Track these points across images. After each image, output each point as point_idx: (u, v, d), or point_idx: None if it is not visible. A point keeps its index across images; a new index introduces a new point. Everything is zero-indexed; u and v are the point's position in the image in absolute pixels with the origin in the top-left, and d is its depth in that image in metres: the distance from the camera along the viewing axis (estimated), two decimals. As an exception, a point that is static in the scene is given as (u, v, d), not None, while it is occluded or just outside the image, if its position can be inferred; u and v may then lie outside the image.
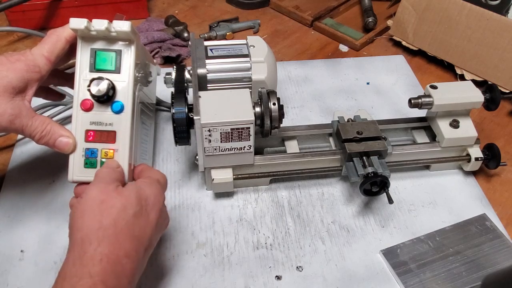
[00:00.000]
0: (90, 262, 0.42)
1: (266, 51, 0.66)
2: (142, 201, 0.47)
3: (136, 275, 0.45)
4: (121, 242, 0.44)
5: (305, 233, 0.61)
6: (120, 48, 0.52)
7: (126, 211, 0.45)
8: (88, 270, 0.41)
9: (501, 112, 0.81)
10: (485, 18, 0.78)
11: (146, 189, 0.48)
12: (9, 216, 0.61)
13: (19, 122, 0.49)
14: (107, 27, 0.50)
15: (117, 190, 0.47)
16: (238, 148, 0.59)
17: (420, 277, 0.56)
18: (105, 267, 0.42)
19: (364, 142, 0.62)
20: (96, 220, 0.44)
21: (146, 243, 0.46)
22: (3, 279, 0.54)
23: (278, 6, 1.02)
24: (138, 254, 0.45)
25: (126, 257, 0.44)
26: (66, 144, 0.51)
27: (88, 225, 0.44)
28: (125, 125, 0.52)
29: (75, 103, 0.52)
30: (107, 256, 0.42)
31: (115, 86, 0.52)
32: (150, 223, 0.47)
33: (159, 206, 0.49)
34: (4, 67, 0.48)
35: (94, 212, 0.44)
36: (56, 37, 0.51)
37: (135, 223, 0.45)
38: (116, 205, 0.45)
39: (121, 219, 0.45)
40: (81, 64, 0.52)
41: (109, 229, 0.44)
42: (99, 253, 0.42)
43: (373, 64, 0.89)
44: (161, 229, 0.50)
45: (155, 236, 0.48)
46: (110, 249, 0.43)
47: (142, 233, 0.46)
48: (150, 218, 0.47)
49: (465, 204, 0.65)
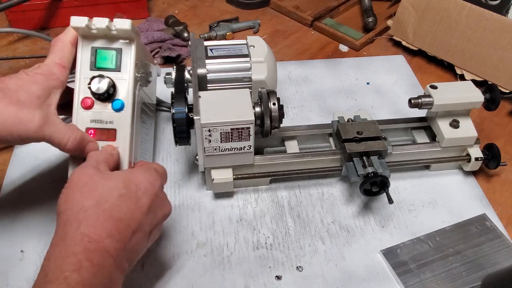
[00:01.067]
0: (72, 243, 0.42)
1: (266, 51, 0.66)
2: (132, 185, 0.47)
3: (122, 256, 0.45)
4: (102, 222, 0.44)
5: (305, 233, 0.61)
6: (120, 46, 0.53)
7: (111, 193, 0.45)
8: (71, 249, 0.42)
9: (501, 112, 0.81)
10: (485, 18, 0.78)
11: (138, 175, 0.48)
12: (9, 216, 0.61)
13: (47, 129, 0.49)
14: (108, 25, 0.50)
15: (102, 174, 0.47)
16: (238, 148, 0.59)
17: (420, 277, 0.56)
18: (86, 246, 0.42)
19: (364, 142, 0.62)
20: (77, 202, 0.44)
21: (134, 226, 0.46)
22: (3, 279, 0.54)
23: (278, 6, 1.02)
24: (123, 235, 0.45)
25: (108, 237, 0.43)
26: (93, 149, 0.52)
27: (69, 208, 0.44)
28: (125, 123, 0.52)
29: (76, 102, 0.52)
30: (88, 236, 0.42)
31: (116, 84, 0.52)
32: (140, 207, 0.47)
33: (152, 191, 0.48)
34: (25, 81, 0.49)
35: (76, 194, 0.45)
36: (61, 43, 0.52)
37: (120, 205, 0.45)
38: (99, 187, 0.45)
39: (104, 200, 0.45)
40: (82, 62, 0.52)
41: (89, 210, 0.44)
42: (79, 233, 0.43)
43: (373, 64, 0.89)
44: (156, 215, 0.49)
45: (147, 221, 0.48)
46: (90, 229, 0.43)
47: (129, 216, 0.45)
48: (140, 202, 0.47)
49: (465, 204, 0.65)
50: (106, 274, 0.42)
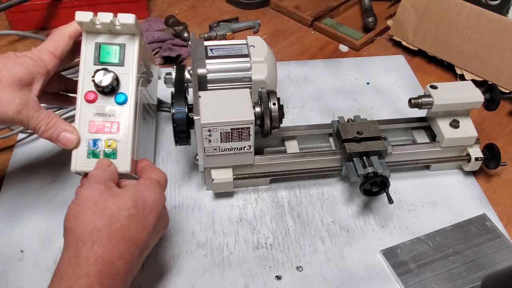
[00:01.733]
0: (85, 263, 0.42)
1: (266, 51, 0.66)
2: (139, 204, 0.47)
3: (129, 276, 0.46)
4: (115, 243, 0.44)
5: (305, 233, 0.61)
6: (124, 41, 0.53)
7: (121, 212, 0.45)
8: (84, 271, 0.41)
9: (501, 112, 0.81)
10: (485, 18, 0.78)
11: (144, 192, 0.48)
12: (9, 216, 0.61)
13: (25, 113, 0.49)
14: (112, 20, 0.51)
15: (111, 191, 0.47)
16: (238, 148, 0.59)
17: (420, 277, 0.56)
18: (100, 268, 0.42)
19: (364, 142, 0.62)
20: (90, 221, 0.44)
21: (142, 246, 0.47)
22: (3, 279, 0.54)
23: (278, 6, 1.02)
24: (133, 256, 0.45)
25: (120, 259, 0.44)
26: (69, 139, 0.52)
27: (82, 226, 0.44)
28: (128, 116, 0.53)
29: (79, 95, 0.53)
30: (102, 258, 0.42)
31: (119, 78, 0.53)
32: (147, 227, 0.47)
33: (157, 209, 0.48)
34: (11, 61, 0.50)
35: (87, 213, 0.45)
36: (60, 33, 0.53)
37: (130, 226, 0.45)
38: (109, 206, 0.45)
39: (115, 220, 0.45)
40: (86, 57, 0.53)
41: (102, 230, 0.44)
42: (93, 254, 0.42)
43: (373, 64, 0.89)
44: (159, 231, 0.50)
45: (152, 239, 0.49)
46: (104, 250, 0.43)
47: (137, 236, 0.46)
48: (147, 221, 0.47)
49: (465, 204, 0.65)
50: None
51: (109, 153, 0.52)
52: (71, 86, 0.61)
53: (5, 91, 0.48)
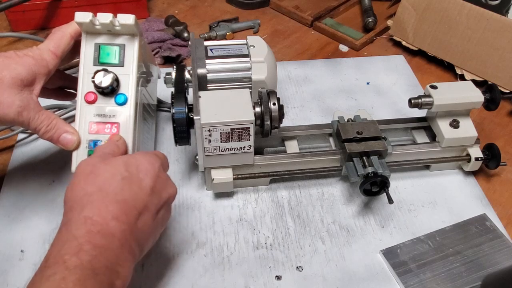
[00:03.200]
0: (74, 226, 0.42)
1: (266, 51, 0.66)
2: (132, 167, 0.47)
3: (129, 238, 0.44)
4: (106, 204, 0.44)
5: (305, 233, 0.61)
6: (123, 42, 0.53)
7: (113, 177, 0.45)
8: (72, 233, 0.41)
9: (501, 112, 0.81)
10: (485, 18, 0.78)
11: (138, 157, 0.48)
12: (9, 216, 0.61)
13: (26, 115, 0.49)
14: (112, 21, 0.51)
15: (105, 161, 0.47)
16: (238, 148, 0.59)
17: (420, 277, 0.56)
18: (89, 228, 0.42)
19: (364, 142, 0.62)
20: (81, 189, 0.45)
21: (140, 208, 0.45)
22: (3, 279, 0.54)
23: (278, 6, 1.02)
24: (129, 217, 0.44)
25: (113, 219, 0.43)
26: (69, 141, 0.52)
27: (74, 195, 0.45)
28: (128, 117, 0.53)
29: (79, 96, 0.53)
30: (91, 219, 0.42)
31: (119, 79, 0.53)
32: (143, 189, 0.46)
33: (153, 172, 0.48)
34: (12, 61, 0.49)
35: (80, 183, 0.45)
36: (61, 33, 0.53)
37: (124, 188, 0.45)
38: (102, 173, 0.45)
39: (107, 185, 0.45)
40: (85, 58, 0.53)
41: (93, 195, 0.44)
42: (82, 216, 0.42)
43: (373, 64, 0.89)
44: (161, 196, 0.48)
45: (153, 202, 0.47)
46: (94, 211, 0.43)
47: (133, 197, 0.45)
48: (143, 183, 0.46)
49: (465, 204, 0.65)
50: (110, 256, 0.42)
51: None
52: (69, 82, 0.61)
53: (6, 92, 0.48)
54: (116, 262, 0.42)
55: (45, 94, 0.59)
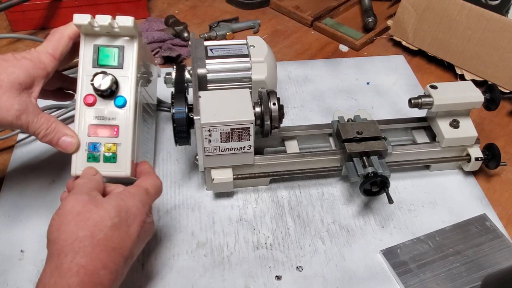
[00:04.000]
0: (68, 273, 0.42)
1: (266, 51, 0.66)
2: (122, 213, 0.46)
3: (114, 286, 0.45)
4: (98, 253, 0.43)
5: (305, 233, 0.61)
6: (122, 44, 0.53)
7: (104, 222, 0.45)
8: (66, 281, 0.41)
9: (501, 112, 0.81)
10: (485, 18, 0.78)
11: (127, 201, 0.48)
12: (9, 216, 0.61)
13: (25, 118, 0.49)
14: (110, 23, 0.50)
15: (94, 201, 0.46)
16: (238, 148, 0.59)
17: (420, 277, 0.56)
18: (82, 278, 0.42)
19: (364, 142, 0.62)
20: (72, 232, 0.44)
21: (126, 254, 0.46)
22: (3, 279, 0.54)
23: (278, 6, 1.02)
24: (117, 265, 0.45)
25: (103, 269, 0.43)
26: (69, 144, 0.51)
27: (64, 238, 0.44)
28: (127, 119, 0.53)
29: (78, 99, 0.52)
30: (84, 268, 0.42)
31: (118, 81, 0.52)
32: (131, 235, 0.47)
33: (140, 218, 0.48)
34: (10, 64, 0.49)
35: (70, 224, 0.44)
36: (59, 35, 0.52)
37: (113, 235, 0.45)
38: (92, 216, 0.45)
39: (98, 230, 0.44)
40: (84, 60, 0.53)
41: (85, 241, 0.43)
42: (75, 264, 0.42)
43: (373, 64, 0.89)
44: (144, 240, 0.50)
45: (136, 247, 0.48)
46: (86, 260, 0.43)
47: (121, 245, 0.46)
48: (130, 230, 0.47)
49: (465, 204, 0.65)
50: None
51: (109, 157, 0.52)
52: (68, 83, 0.61)
53: (4, 96, 0.47)
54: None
55: (44, 95, 0.59)
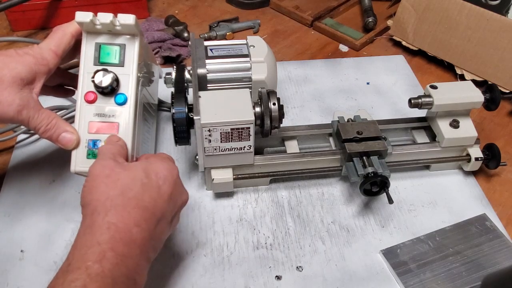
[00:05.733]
0: (98, 231, 0.42)
1: (266, 51, 0.66)
2: (152, 174, 0.47)
3: (148, 246, 0.45)
4: (129, 211, 0.44)
5: (305, 233, 0.61)
6: (124, 42, 0.53)
7: (134, 182, 0.45)
8: (96, 239, 0.42)
9: (501, 112, 0.81)
10: (485, 18, 0.78)
11: (156, 164, 0.48)
12: (9, 215, 0.61)
13: (26, 113, 0.49)
14: (112, 21, 0.51)
15: (122, 165, 0.47)
16: (238, 148, 0.59)
17: (420, 277, 0.56)
18: (113, 235, 0.42)
19: (364, 142, 0.62)
20: (103, 192, 0.44)
21: (159, 215, 0.46)
22: (3, 279, 0.54)
23: (278, 6, 1.02)
24: (149, 224, 0.45)
25: (136, 226, 0.43)
26: (69, 140, 0.52)
27: (96, 198, 0.44)
28: (128, 117, 0.53)
29: (79, 96, 0.53)
30: (115, 225, 0.42)
31: (119, 79, 0.53)
32: (162, 196, 0.46)
33: (172, 179, 0.48)
34: (13, 59, 0.49)
35: (101, 186, 0.45)
36: (62, 32, 0.53)
37: (144, 194, 0.45)
38: (122, 178, 0.45)
39: (128, 190, 0.45)
40: (86, 57, 0.53)
41: (116, 199, 0.44)
42: (106, 222, 0.42)
43: (373, 64, 0.89)
44: (176, 203, 0.49)
45: (169, 209, 0.48)
46: (118, 218, 0.43)
47: (152, 204, 0.45)
48: (161, 190, 0.47)
49: (465, 204, 0.65)
50: (130, 264, 0.42)
51: None
52: (69, 80, 0.61)
53: (6, 91, 0.48)
54: (135, 271, 0.43)
55: (44, 91, 0.59)
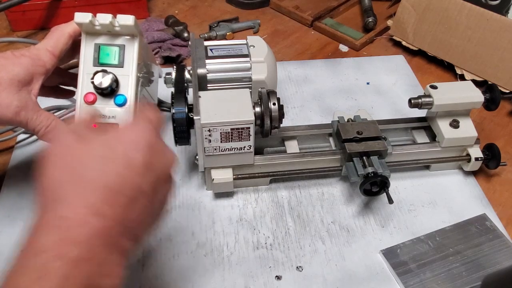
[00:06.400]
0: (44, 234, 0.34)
1: (266, 51, 0.66)
2: (117, 144, 0.38)
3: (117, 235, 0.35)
4: (86, 197, 0.35)
5: (305, 233, 0.61)
6: (123, 43, 0.53)
7: (92, 158, 0.37)
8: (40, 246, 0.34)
9: (501, 112, 0.80)
10: (485, 18, 0.78)
11: (123, 130, 0.40)
12: (10, 216, 0.61)
13: (24, 115, 0.49)
14: (111, 21, 0.51)
15: (84, 139, 0.38)
16: (238, 148, 0.59)
17: (420, 277, 0.56)
18: (63, 235, 0.33)
19: (364, 142, 0.62)
20: (54, 179, 0.37)
21: (130, 192, 0.36)
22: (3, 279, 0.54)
23: (278, 6, 1.02)
24: (115, 208, 0.35)
25: (94, 215, 0.34)
26: None
27: (47, 187, 0.37)
28: (127, 118, 0.53)
29: (78, 97, 0.53)
30: (67, 219, 0.34)
31: (118, 79, 0.53)
32: (133, 167, 0.37)
33: (144, 142, 0.38)
34: (10, 61, 0.49)
35: (53, 170, 0.37)
36: (60, 32, 0.52)
37: (105, 171, 0.36)
38: (76, 154, 0.37)
39: (82, 169, 0.36)
40: (85, 58, 0.53)
41: (69, 185, 0.36)
42: (58, 217, 0.34)
43: (373, 64, 0.89)
44: (156, 170, 0.39)
45: (146, 180, 0.38)
46: (70, 209, 0.34)
47: (120, 182, 0.36)
48: (131, 161, 0.37)
49: (465, 204, 0.65)
50: (88, 270, 0.33)
51: None
52: (68, 80, 0.60)
53: (3, 93, 0.48)
54: (99, 274, 0.33)
55: (44, 93, 0.59)
